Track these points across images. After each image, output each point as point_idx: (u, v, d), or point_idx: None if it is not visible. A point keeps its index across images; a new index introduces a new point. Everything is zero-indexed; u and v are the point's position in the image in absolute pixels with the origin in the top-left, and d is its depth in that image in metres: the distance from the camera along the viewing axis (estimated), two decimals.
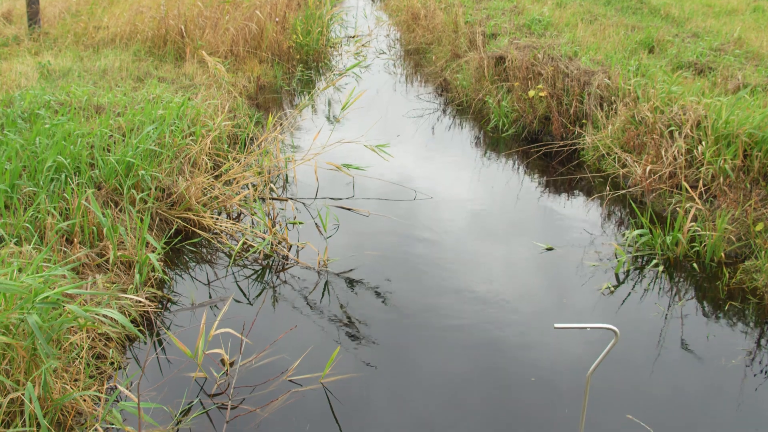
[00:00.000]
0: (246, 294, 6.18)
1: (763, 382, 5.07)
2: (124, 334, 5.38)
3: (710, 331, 5.70)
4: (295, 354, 5.24)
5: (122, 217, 6.45)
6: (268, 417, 4.66)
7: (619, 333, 2.53)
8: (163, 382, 4.99)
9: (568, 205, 8.13)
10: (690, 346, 5.51)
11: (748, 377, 5.11)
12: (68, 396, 4.24)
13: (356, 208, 7.90)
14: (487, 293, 6.24)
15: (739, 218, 6.85)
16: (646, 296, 6.20)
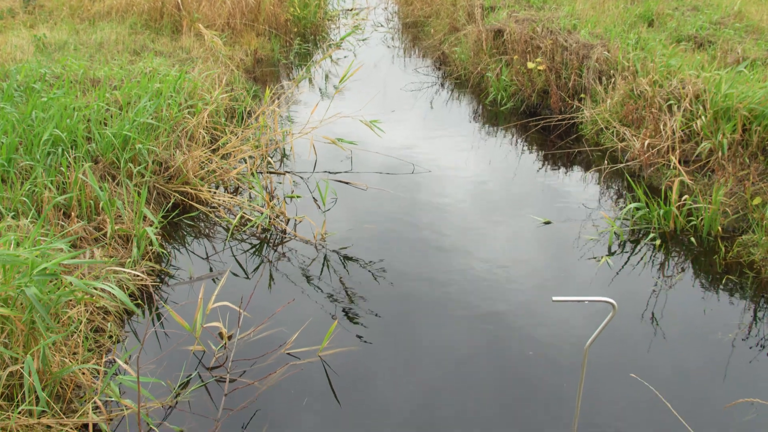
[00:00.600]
0: (244, 268, 6.19)
1: (758, 354, 5.09)
2: (123, 308, 5.39)
3: (707, 305, 5.72)
4: (293, 327, 5.26)
5: (119, 191, 6.43)
6: (267, 390, 4.68)
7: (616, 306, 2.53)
8: (161, 356, 5.00)
9: (566, 179, 8.12)
10: (687, 319, 5.53)
11: (744, 351, 5.13)
12: (67, 369, 4.26)
13: (354, 182, 7.89)
14: (484, 267, 6.25)
15: (737, 192, 6.85)
16: (643, 270, 6.21)
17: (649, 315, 5.55)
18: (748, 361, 5.02)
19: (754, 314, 5.59)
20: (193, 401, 4.58)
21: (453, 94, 11.09)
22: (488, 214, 7.31)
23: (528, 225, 7.01)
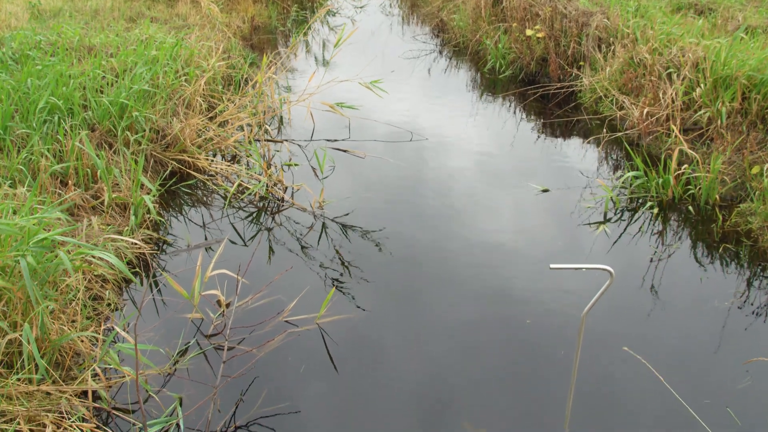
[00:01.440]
0: (242, 236, 6.19)
1: (754, 322, 5.11)
2: (121, 276, 5.39)
3: (704, 274, 5.73)
4: (290, 295, 5.27)
5: (116, 159, 6.41)
6: (264, 357, 4.70)
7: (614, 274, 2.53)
8: (160, 324, 5.02)
9: (564, 147, 8.10)
10: (684, 288, 5.54)
11: (739, 319, 5.15)
12: (66, 337, 4.27)
13: (352, 150, 7.87)
14: (482, 235, 6.25)
15: (735, 161, 6.84)
16: (641, 238, 6.22)
17: (646, 283, 5.56)
18: (743, 329, 5.04)
19: (751, 283, 5.61)
20: (191, 368, 4.60)
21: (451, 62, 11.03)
22: (486, 182, 7.30)
23: (526, 193, 7.00)
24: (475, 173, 7.49)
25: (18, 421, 3.71)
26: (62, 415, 3.90)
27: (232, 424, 4.17)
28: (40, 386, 4.01)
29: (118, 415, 4.17)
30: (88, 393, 4.13)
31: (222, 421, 4.18)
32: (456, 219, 6.53)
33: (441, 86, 10.03)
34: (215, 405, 4.28)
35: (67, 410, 3.93)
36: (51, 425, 3.76)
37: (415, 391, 4.48)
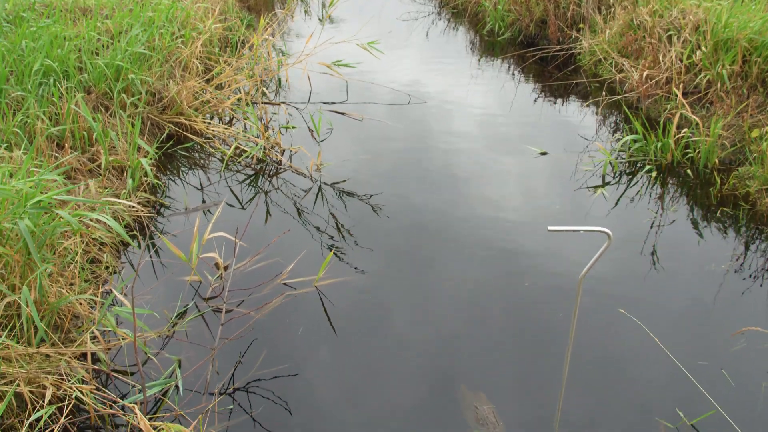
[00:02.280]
0: (239, 198, 6.18)
1: (751, 286, 5.13)
2: (119, 239, 5.39)
3: (701, 237, 5.74)
4: (288, 258, 5.27)
5: (113, 122, 6.38)
6: (263, 319, 4.72)
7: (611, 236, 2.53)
8: (158, 286, 5.03)
9: (563, 111, 8.07)
10: (681, 251, 5.55)
11: (736, 282, 5.17)
12: (64, 299, 4.28)
13: (350, 112, 7.83)
14: (480, 197, 6.25)
15: (735, 125, 6.81)
16: (639, 201, 6.22)
17: (643, 246, 5.57)
18: (740, 293, 5.06)
19: (748, 246, 5.62)
20: (190, 331, 4.62)
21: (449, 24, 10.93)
22: (484, 144, 7.28)
23: (524, 155, 6.98)
24: (473, 136, 7.46)
25: (18, 383, 3.73)
26: (62, 377, 3.92)
27: (230, 385, 4.20)
28: (39, 348, 4.03)
29: (117, 377, 4.20)
30: (87, 355, 4.15)
31: (220, 383, 4.21)
32: (454, 181, 6.52)
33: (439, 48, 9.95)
34: (214, 367, 4.31)
35: (66, 372, 3.95)
36: (51, 387, 3.78)
37: (413, 354, 4.51)
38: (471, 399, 4.13)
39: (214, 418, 3.96)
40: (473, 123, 7.75)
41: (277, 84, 8.60)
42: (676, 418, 3.98)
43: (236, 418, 3.98)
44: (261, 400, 4.10)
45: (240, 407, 4.05)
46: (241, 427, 3.93)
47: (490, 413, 4.00)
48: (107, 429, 3.90)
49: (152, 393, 4.03)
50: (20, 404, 3.82)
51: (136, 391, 4.08)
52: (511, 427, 3.95)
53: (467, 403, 4.10)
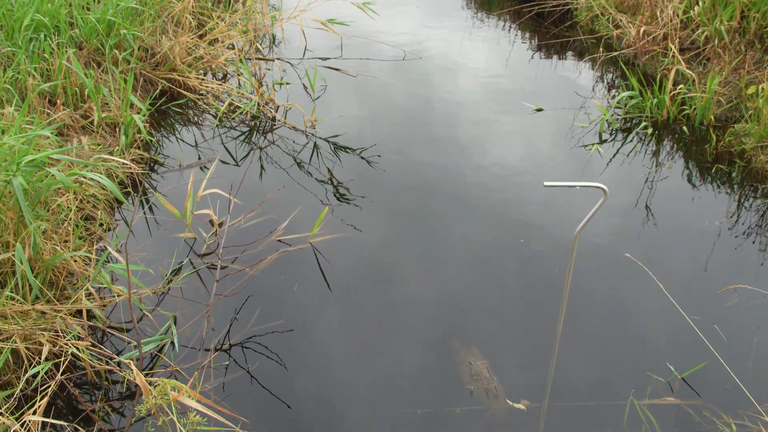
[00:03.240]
0: (233, 155, 6.15)
1: (744, 243, 5.15)
2: (113, 197, 5.37)
3: (696, 194, 5.74)
4: (283, 214, 5.27)
5: (105, 78, 6.32)
6: (258, 276, 4.73)
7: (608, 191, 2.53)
8: (153, 243, 5.02)
9: (559, 67, 8.01)
10: (676, 207, 5.56)
11: (729, 239, 5.19)
12: (59, 257, 4.27)
13: (344, 68, 7.77)
14: (475, 153, 6.23)
15: (731, 81, 6.77)
16: (635, 158, 6.21)
17: (638, 203, 5.58)
18: (733, 249, 5.08)
19: (742, 203, 5.63)
20: (185, 287, 4.63)
21: None
22: (480, 100, 7.24)
23: (520, 112, 6.95)
24: (468, 92, 7.41)
25: (14, 340, 3.75)
26: (57, 333, 3.93)
27: (226, 341, 4.22)
28: (34, 305, 4.04)
29: (113, 333, 4.22)
30: (83, 312, 4.16)
31: (216, 339, 4.23)
32: (449, 137, 6.49)
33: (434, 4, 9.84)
34: (209, 323, 4.33)
35: (62, 329, 3.96)
36: (47, 343, 3.79)
37: (406, 309, 4.53)
38: (464, 354, 4.16)
39: (210, 374, 3.99)
40: (468, 79, 7.70)
41: (271, 40, 8.51)
42: (667, 373, 4.02)
43: (232, 373, 4.01)
44: (256, 356, 4.12)
45: (236, 363, 4.08)
46: (237, 382, 3.96)
47: (483, 368, 4.04)
48: (103, 385, 3.93)
49: (148, 349, 4.05)
50: (17, 361, 3.84)
51: (131, 348, 4.11)
52: (506, 381, 3.98)
53: (460, 358, 4.14)
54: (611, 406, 3.85)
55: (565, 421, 3.76)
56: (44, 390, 3.59)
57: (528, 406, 3.84)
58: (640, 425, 3.73)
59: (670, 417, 3.79)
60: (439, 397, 3.91)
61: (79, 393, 3.84)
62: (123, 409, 3.80)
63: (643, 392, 3.92)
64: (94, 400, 3.84)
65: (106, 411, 3.78)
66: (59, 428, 3.54)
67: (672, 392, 3.92)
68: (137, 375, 2.90)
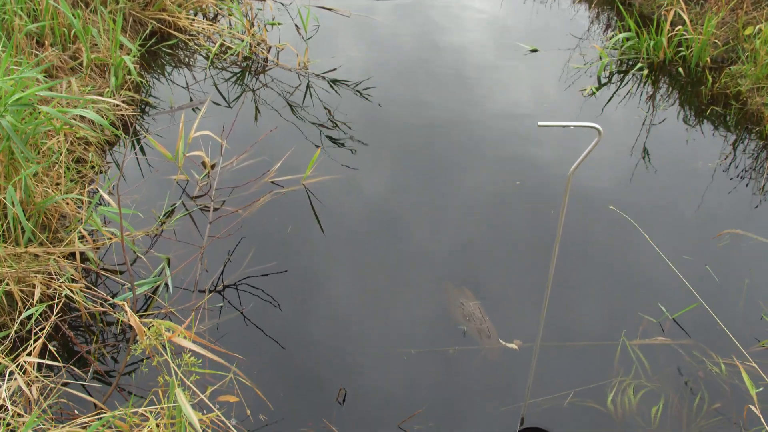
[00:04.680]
0: (225, 97, 6.09)
1: (738, 184, 5.15)
2: (104, 139, 5.33)
3: (690, 135, 5.72)
4: (276, 156, 5.23)
5: (94, 19, 6.20)
6: (251, 218, 4.72)
7: (602, 131, 2.51)
8: (145, 186, 5.00)
9: (554, 7, 7.90)
10: (670, 149, 5.54)
11: (722, 180, 5.19)
12: (50, 199, 4.25)
13: (337, 8, 7.64)
14: (469, 93, 6.18)
15: (728, 22, 6.69)
16: (630, 100, 6.17)
17: (633, 144, 5.56)
18: (727, 191, 5.08)
19: (737, 145, 5.61)
20: (178, 230, 4.63)
21: None
22: (473, 40, 7.15)
23: (514, 52, 6.88)
24: (461, 31, 7.31)
25: (7, 282, 3.75)
26: (51, 276, 3.93)
27: (220, 282, 4.23)
28: (27, 248, 4.03)
29: (107, 275, 4.22)
30: (76, 255, 4.16)
31: (210, 281, 4.24)
32: (442, 77, 6.43)
33: None
34: (202, 265, 4.33)
35: (55, 271, 3.96)
36: (40, 286, 3.80)
37: (399, 250, 4.54)
38: (456, 295, 4.18)
39: (204, 315, 4.01)
40: (461, 18, 7.59)
41: None
42: (659, 314, 4.05)
43: (226, 315, 4.03)
44: (250, 297, 4.14)
45: (229, 304, 4.09)
46: (231, 323, 3.98)
47: (476, 309, 4.06)
48: (98, 326, 3.94)
49: (142, 291, 4.06)
50: (11, 303, 3.84)
51: (125, 290, 4.11)
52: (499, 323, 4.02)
53: (453, 299, 4.16)
54: (603, 346, 3.89)
55: (558, 361, 3.80)
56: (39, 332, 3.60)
57: (521, 346, 3.88)
58: (631, 364, 3.77)
59: (660, 356, 3.83)
60: (433, 337, 3.94)
61: (74, 335, 3.85)
62: (118, 351, 3.82)
63: (635, 333, 3.96)
64: (89, 341, 3.86)
65: (101, 352, 3.80)
66: (55, 369, 3.57)
67: (663, 332, 3.96)
68: (131, 316, 2.91)
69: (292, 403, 3.58)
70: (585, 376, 3.72)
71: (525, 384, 3.36)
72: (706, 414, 3.54)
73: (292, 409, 3.55)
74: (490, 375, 3.75)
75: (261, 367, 3.73)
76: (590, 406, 3.57)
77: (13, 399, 3.16)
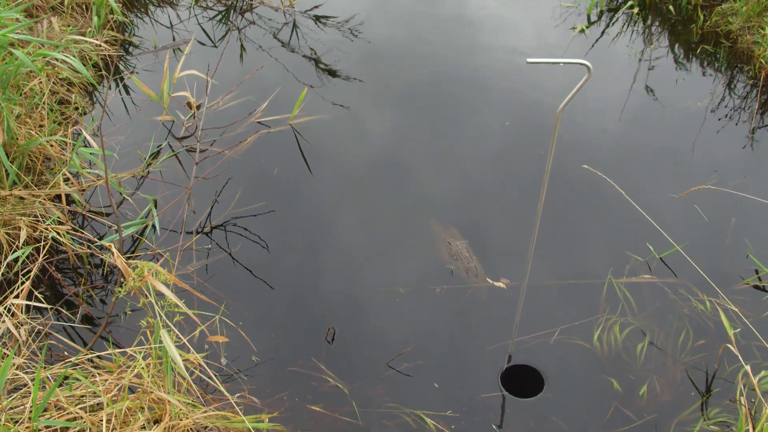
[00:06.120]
0: (210, 36, 5.99)
1: (726, 124, 5.13)
2: (87, 80, 5.25)
3: (680, 75, 5.68)
4: (262, 96, 5.17)
5: None
6: (237, 158, 4.68)
7: (591, 68, 2.47)
8: (130, 126, 4.95)
9: None
10: (659, 88, 5.50)
11: (711, 120, 5.17)
12: (34, 141, 4.20)
13: None
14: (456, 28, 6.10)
15: None
16: (619, 38, 6.10)
17: (621, 83, 5.52)
18: (715, 131, 5.07)
19: (726, 84, 5.58)
20: (164, 171, 4.59)
21: None
22: None
23: None
24: None
25: None
26: (37, 218, 3.91)
27: (207, 223, 4.22)
28: (12, 191, 3.99)
29: (94, 218, 4.20)
30: (62, 197, 4.12)
31: (197, 222, 4.23)
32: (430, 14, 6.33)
33: None
34: (190, 206, 4.31)
35: (41, 214, 3.94)
36: (26, 228, 3.77)
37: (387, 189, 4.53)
38: (442, 234, 4.18)
39: (192, 256, 4.00)
40: None
41: None
42: (647, 254, 4.07)
43: (214, 255, 4.02)
44: (238, 238, 4.13)
45: (218, 246, 4.09)
46: (220, 264, 3.98)
47: (463, 248, 4.07)
48: (86, 269, 3.94)
49: (129, 233, 4.04)
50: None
51: (113, 232, 4.10)
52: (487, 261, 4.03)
53: (439, 238, 4.16)
54: (590, 284, 3.91)
55: (545, 299, 3.83)
56: (26, 274, 3.59)
57: (508, 284, 3.90)
58: (618, 303, 3.80)
59: (646, 294, 3.86)
60: (421, 276, 3.96)
61: (62, 277, 3.85)
62: (106, 293, 3.82)
63: (622, 272, 3.98)
64: (77, 284, 3.86)
65: (89, 295, 3.80)
66: (43, 312, 3.57)
67: (650, 271, 3.98)
68: (117, 257, 2.90)
69: (281, 343, 3.61)
70: (571, 314, 3.75)
71: (512, 322, 3.39)
72: (691, 350, 3.59)
73: (281, 348, 3.58)
74: (477, 313, 3.77)
75: (250, 307, 3.75)
76: (576, 344, 3.61)
77: (3, 341, 3.17)
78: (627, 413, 3.33)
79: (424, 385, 3.44)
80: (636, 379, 3.47)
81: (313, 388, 3.40)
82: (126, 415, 2.75)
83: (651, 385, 3.44)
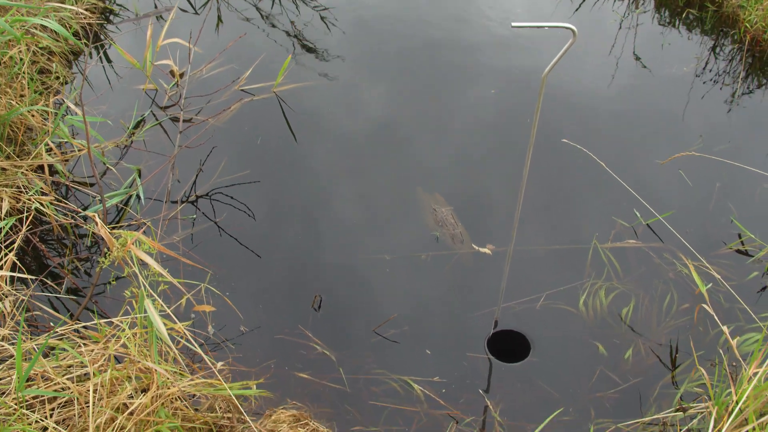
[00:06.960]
0: (192, 3, 5.91)
1: (711, 89, 5.13)
2: (68, 49, 5.18)
3: (665, 39, 5.66)
4: (246, 64, 5.13)
5: None
6: (222, 127, 4.65)
7: (577, 32, 2.45)
8: (113, 95, 4.90)
9: None
10: (644, 53, 5.48)
11: (696, 85, 5.16)
12: (14, 111, 4.14)
13: None
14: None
15: None
16: (604, 2, 6.07)
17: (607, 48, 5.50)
18: (700, 97, 5.06)
19: (712, 48, 5.57)
20: (148, 140, 4.55)
21: None
22: None
23: None
24: None
25: None
26: (20, 189, 3.88)
27: (192, 192, 4.20)
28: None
29: (77, 188, 4.16)
30: (44, 167, 4.09)
31: (182, 191, 4.20)
32: None
33: None
34: (174, 175, 4.28)
35: (24, 185, 3.90)
36: (9, 199, 3.74)
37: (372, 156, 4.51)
38: (428, 201, 4.18)
39: (177, 226, 3.99)
40: None
41: None
42: (633, 219, 4.08)
43: (199, 225, 4.01)
44: (224, 207, 4.12)
45: (203, 215, 4.07)
46: (205, 233, 3.97)
47: (448, 215, 4.07)
48: (70, 239, 3.92)
49: (113, 203, 4.02)
50: None
51: (97, 202, 4.07)
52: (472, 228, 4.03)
53: (425, 205, 4.16)
54: (575, 250, 3.93)
55: (531, 265, 3.84)
56: (9, 246, 3.57)
57: (493, 250, 3.90)
58: (603, 267, 3.82)
59: (632, 259, 3.88)
60: (407, 243, 3.96)
61: (46, 248, 3.82)
62: (91, 264, 3.81)
63: (607, 237, 3.99)
64: (62, 255, 3.84)
65: (74, 265, 3.79)
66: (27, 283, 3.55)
67: (636, 237, 4.00)
68: (101, 227, 2.88)
69: (268, 311, 3.61)
70: (557, 279, 3.77)
71: (498, 288, 3.40)
72: (676, 314, 3.62)
73: (268, 316, 3.58)
74: (463, 280, 3.78)
75: (236, 276, 3.74)
76: (562, 308, 3.63)
77: None
78: (612, 377, 3.36)
79: (411, 352, 3.46)
80: (621, 343, 3.50)
81: (301, 356, 3.41)
82: (113, 385, 2.76)
83: (636, 349, 3.47)
